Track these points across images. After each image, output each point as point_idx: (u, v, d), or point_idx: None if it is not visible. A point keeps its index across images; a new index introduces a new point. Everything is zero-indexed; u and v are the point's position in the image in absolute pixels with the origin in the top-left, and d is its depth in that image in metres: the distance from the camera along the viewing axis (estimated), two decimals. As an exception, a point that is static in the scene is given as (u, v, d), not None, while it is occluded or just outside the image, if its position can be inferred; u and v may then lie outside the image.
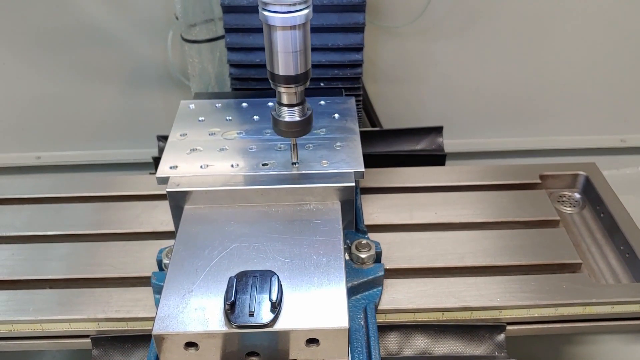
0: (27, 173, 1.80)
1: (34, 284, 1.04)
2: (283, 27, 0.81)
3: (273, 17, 0.80)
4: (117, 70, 1.63)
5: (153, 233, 1.12)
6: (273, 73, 0.86)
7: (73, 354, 1.30)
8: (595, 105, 1.75)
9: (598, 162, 1.28)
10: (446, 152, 1.50)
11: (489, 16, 1.56)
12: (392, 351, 0.99)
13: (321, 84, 1.29)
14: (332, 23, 1.23)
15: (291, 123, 0.91)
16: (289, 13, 0.80)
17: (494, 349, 0.99)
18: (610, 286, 1.05)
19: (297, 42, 0.83)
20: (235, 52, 1.26)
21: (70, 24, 1.54)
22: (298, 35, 0.82)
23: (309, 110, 0.92)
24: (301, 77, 0.87)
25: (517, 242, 1.10)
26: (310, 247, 0.87)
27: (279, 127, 0.92)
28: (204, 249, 0.87)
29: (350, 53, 1.26)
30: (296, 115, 0.91)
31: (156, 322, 0.77)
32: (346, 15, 1.23)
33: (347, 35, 1.25)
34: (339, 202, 0.95)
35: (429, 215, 1.16)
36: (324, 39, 1.24)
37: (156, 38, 1.56)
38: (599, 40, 1.62)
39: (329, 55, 1.26)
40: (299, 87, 0.88)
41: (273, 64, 0.85)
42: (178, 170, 0.97)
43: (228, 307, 0.76)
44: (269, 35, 0.83)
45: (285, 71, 0.85)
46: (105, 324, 0.97)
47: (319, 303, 0.78)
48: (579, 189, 1.27)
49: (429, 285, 1.02)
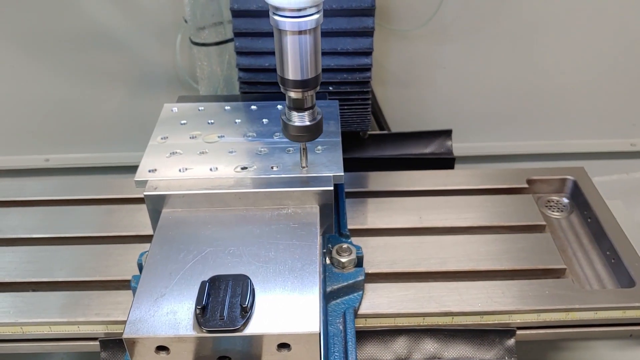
0: (36, 175, 1.82)
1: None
2: (293, 31, 0.81)
3: (283, 21, 0.80)
4: (126, 73, 1.65)
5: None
6: (283, 77, 0.87)
7: (81, 356, 1.30)
8: (604, 109, 1.74)
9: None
10: (455, 156, 1.50)
11: (496, 21, 1.57)
12: (401, 355, 0.98)
13: (330, 87, 1.29)
14: (341, 27, 1.24)
15: (301, 127, 0.91)
16: (299, 18, 0.80)
17: (504, 354, 0.98)
18: (594, 292, 1.04)
19: (307, 46, 0.83)
20: (244, 56, 1.27)
21: (79, 27, 1.55)
22: (308, 39, 0.82)
23: (319, 115, 0.92)
24: (311, 82, 0.87)
25: (501, 247, 1.09)
26: (286, 251, 0.86)
27: (289, 131, 0.92)
28: (179, 252, 0.86)
29: (360, 57, 1.27)
30: (306, 119, 0.91)
31: (127, 326, 0.76)
32: (355, 20, 1.24)
33: (356, 39, 1.25)
34: (318, 206, 0.95)
35: (413, 219, 1.15)
36: (333, 43, 1.25)
37: (165, 41, 1.58)
38: (607, 44, 1.62)
39: (338, 59, 1.26)
40: (308, 92, 0.88)
41: (283, 68, 0.86)
42: (157, 173, 0.97)
43: (199, 311, 0.75)
44: (279, 39, 0.83)
45: (295, 76, 0.85)
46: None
47: (291, 308, 0.78)
48: (567, 193, 1.26)
49: (410, 289, 1.01)
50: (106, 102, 1.69)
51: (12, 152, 1.78)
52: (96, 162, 1.80)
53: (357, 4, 1.22)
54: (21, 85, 1.65)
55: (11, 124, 1.73)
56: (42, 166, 1.80)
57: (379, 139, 1.56)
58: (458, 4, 1.54)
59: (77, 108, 1.70)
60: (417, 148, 1.56)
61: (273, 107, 1.15)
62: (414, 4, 1.54)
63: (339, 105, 1.16)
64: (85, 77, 1.64)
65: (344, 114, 1.32)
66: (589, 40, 1.61)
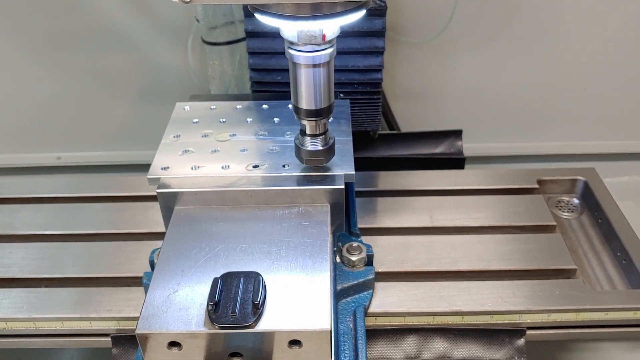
0: (48, 173, 1.84)
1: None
2: (307, 65, 0.84)
3: (298, 55, 0.83)
4: (138, 72, 1.65)
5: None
6: (297, 107, 0.90)
7: (93, 352, 1.31)
8: (615, 111, 1.74)
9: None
10: (465, 156, 1.50)
11: (507, 25, 1.57)
12: (410, 354, 0.98)
13: (340, 94, 1.31)
14: (352, 47, 1.27)
15: (314, 152, 0.94)
16: (313, 52, 0.82)
17: (514, 354, 0.98)
18: (605, 293, 1.03)
19: (320, 79, 0.86)
20: (256, 56, 1.29)
21: (93, 27, 1.56)
22: (322, 72, 0.85)
23: (331, 139, 0.95)
24: (324, 111, 0.90)
25: (512, 247, 1.09)
26: (297, 249, 0.87)
27: (302, 155, 0.95)
28: (192, 249, 0.87)
29: (370, 73, 1.30)
30: (319, 144, 0.93)
31: (140, 322, 0.77)
32: (366, 40, 1.26)
33: (367, 57, 1.28)
34: (329, 205, 0.95)
35: (423, 219, 1.15)
36: (344, 60, 1.28)
37: (176, 40, 1.58)
38: (618, 45, 1.61)
39: (349, 74, 1.30)
40: (321, 120, 0.91)
41: (297, 98, 0.88)
42: (169, 171, 0.98)
43: (211, 307, 0.76)
44: (294, 71, 0.86)
45: (309, 105, 0.88)
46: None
47: (302, 305, 0.78)
48: (578, 194, 1.26)
49: (420, 289, 1.01)
50: (118, 100, 1.70)
51: (25, 150, 1.80)
52: (108, 160, 1.82)
53: (369, 25, 1.25)
54: (34, 84, 1.67)
55: (24, 123, 1.74)
56: (54, 164, 1.81)
57: (389, 138, 1.56)
58: (469, 13, 1.53)
59: (89, 107, 1.71)
60: (427, 148, 1.56)
61: (284, 106, 1.15)
62: (425, 16, 1.54)
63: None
64: (97, 76, 1.66)
65: (354, 113, 1.32)
66: (599, 42, 1.60)
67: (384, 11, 1.25)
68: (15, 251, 1.11)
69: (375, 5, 1.23)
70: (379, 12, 1.24)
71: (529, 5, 1.54)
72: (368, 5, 0.80)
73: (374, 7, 1.23)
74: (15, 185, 1.29)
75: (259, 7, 0.78)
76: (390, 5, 1.25)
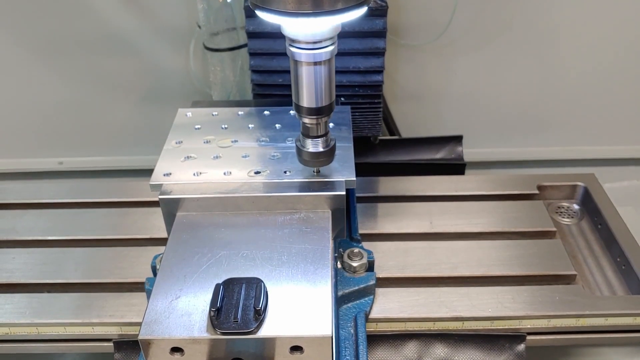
0: (50, 178, 1.84)
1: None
2: (308, 62, 0.84)
3: (299, 53, 0.83)
4: (140, 77, 1.66)
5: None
6: (298, 104, 0.90)
7: (95, 357, 1.31)
8: (614, 116, 1.74)
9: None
10: (466, 162, 1.51)
11: (506, 29, 1.58)
12: (411, 359, 0.99)
13: (341, 99, 1.31)
14: (353, 48, 1.26)
15: (315, 154, 0.94)
16: (314, 50, 0.82)
17: (514, 359, 0.98)
18: (605, 298, 1.04)
19: (321, 76, 0.86)
20: (257, 57, 1.29)
21: (93, 32, 1.57)
22: (323, 70, 0.85)
23: (332, 141, 0.95)
24: (325, 109, 0.89)
25: (512, 253, 1.10)
26: (299, 255, 0.87)
27: (303, 157, 0.95)
28: (194, 255, 0.88)
29: (371, 75, 1.30)
30: (320, 146, 0.93)
31: (142, 327, 0.77)
32: (367, 41, 1.27)
33: (368, 58, 1.28)
34: (330, 211, 0.96)
35: (424, 225, 1.16)
36: (345, 61, 1.28)
37: (178, 46, 1.59)
38: (618, 50, 1.62)
39: (350, 76, 1.30)
40: (322, 119, 0.91)
41: (298, 96, 0.88)
42: (171, 177, 0.98)
43: (213, 313, 0.76)
44: (294, 69, 0.86)
45: (310, 103, 0.88)
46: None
47: (303, 311, 0.79)
48: (578, 200, 1.26)
49: (421, 294, 1.02)
50: (120, 106, 1.71)
51: (27, 155, 1.80)
52: (110, 166, 1.82)
53: (369, 26, 1.25)
54: (36, 89, 1.67)
55: (26, 127, 1.75)
56: (56, 169, 1.82)
57: (389, 144, 1.57)
58: (469, 16, 1.54)
59: (91, 112, 1.72)
60: (427, 153, 1.57)
61: (286, 112, 1.16)
62: (425, 19, 1.55)
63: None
64: (99, 82, 1.66)
65: (354, 119, 1.33)
66: (599, 46, 1.61)
67: (385, 11, 1.24)
68: (17, 256, 1.12)
69: (377, 5, 1.23)
70: (380, 12, 1.24)
71: (530, 9, 1.55)
72: (369, 3, 0.79)
73: (375, 6, 1.23)
74: (18, 190, 1.29)
75: (260, 3, 0.77)
76: (391, 8, 1.25)
